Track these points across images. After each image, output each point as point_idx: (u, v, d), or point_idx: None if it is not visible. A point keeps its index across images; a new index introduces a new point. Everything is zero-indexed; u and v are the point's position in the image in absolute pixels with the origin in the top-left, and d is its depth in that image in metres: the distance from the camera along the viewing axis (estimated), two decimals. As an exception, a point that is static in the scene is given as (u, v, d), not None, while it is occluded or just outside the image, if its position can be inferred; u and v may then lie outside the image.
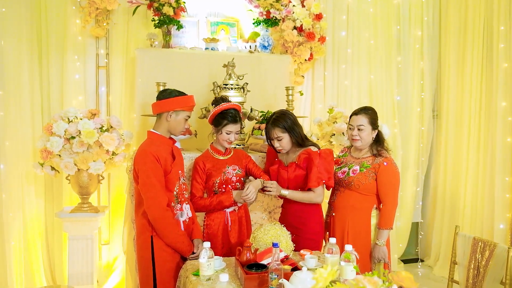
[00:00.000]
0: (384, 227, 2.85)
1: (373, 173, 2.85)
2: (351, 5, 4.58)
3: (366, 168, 2.87)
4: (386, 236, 2.87)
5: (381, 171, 2.84)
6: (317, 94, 4.50)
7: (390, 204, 2.87)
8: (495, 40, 4.21)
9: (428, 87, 4.90)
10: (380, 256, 2.86)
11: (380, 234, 2.86)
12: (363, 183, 2.86)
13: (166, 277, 2.62)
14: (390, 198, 2.86)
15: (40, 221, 3.78)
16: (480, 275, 2.71)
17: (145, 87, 3.68)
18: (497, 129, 4.17)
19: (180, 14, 3.83)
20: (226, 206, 2.88)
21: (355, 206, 2.90)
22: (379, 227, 2.87)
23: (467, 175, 4.56)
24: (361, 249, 2.83)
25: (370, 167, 2.87)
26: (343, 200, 2.96)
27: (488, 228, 4.26)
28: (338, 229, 2.96)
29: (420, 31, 4.84)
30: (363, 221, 2.90)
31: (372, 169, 2.86)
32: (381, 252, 2.86)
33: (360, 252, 2.79)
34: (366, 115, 2.91)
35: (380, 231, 2.86)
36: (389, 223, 2.86)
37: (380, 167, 2.84)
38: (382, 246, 2.85)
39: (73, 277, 3.35)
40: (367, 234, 2.90)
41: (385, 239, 2.86)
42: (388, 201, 2.86)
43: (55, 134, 3.18)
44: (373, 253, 2.88)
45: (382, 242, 2.85)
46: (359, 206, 2.90)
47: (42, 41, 3.79)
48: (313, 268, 2.38)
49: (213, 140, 3.01)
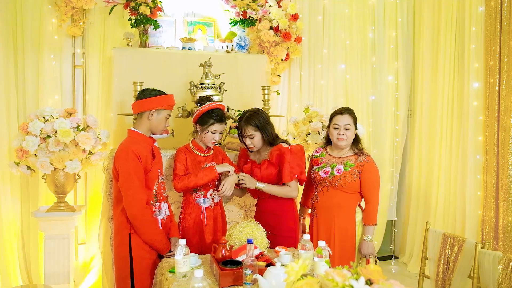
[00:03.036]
0: (371, 223, 2.95)
1: (357, 171, 2.93)
2: (327, 6, 4.65)
3: (350, 167, 2.93)
4: (373, 231, 2.96)
5: (365, 170, 2.92)
6: (294, 93, 4.55)
7: (375, 201, 2.97)
8: (467, 40, 4.30)
9: (403, 87, 4.99)
10: (369, 251, 2.95)
11: (366, 230, 2.96)
12: (348, 182, 2.92)
13: (143, 274, 2.65)
14: (374, 196, 2.97)
15: (16, 220, 3.74)
16: (450, 269, 2.79)
17: (122, 87, 3.69)
18: (468, 128, 4.25)
19: (156, 14, 3.84)
20: (210, 179, 2.88)
21: (340, 204, 2.96)
22: (365, 224, 2.96)
23: (439, 173, 4.65)
24: (348, 247, 2.97)
25: (354, 166, 2.93)
26: (327, 199, 3.01)
27: (460, 225, 4.35)
28: (323, 228, 3.02)
29: (395, 31, 4.93)
30: (349, 218, 2.98)
31: (356, 168, 2.93)
32: (370, 248, 2.95)
33: (347, 250, 2.97)
34: (350, 114, 2.98)
35: (367, 228, 2.96)
36: (374, 219, 2.97)
37: (364, 165, 2.92)
38: (370, 242, 2.95)
39: (50, 276, 3.33)
40: (352, 231, 2.97)
41: (372, 235, 2.95)
42: (373, 199, 2.96)
43: (31, 133, 3.16)
44: (362, 249, 2.97)
45: (370, 237, 2.95)
46: (344, 204, 2.97)
47: (18, 40, 3.76)
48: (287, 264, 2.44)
49: (195, 137, 3.03)
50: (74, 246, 3.89)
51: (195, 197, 2.98)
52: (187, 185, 2.88)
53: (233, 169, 2.96)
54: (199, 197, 2.98)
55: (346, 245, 2.97)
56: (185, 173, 2.94)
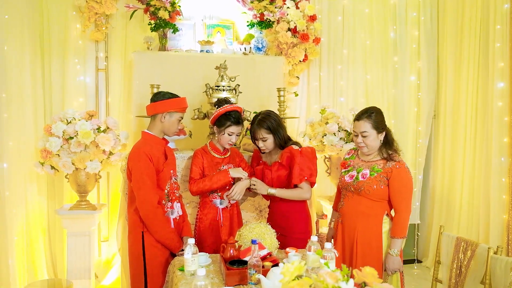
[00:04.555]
0: (399, 236, 2.66)
1: (384, 178, 2.66)
2: (346, 6, 4.62)
3: (377, 173, 2.68)
4: (400, 245, 2.68)
5: (394, 176, 2.64)
6: (313, 94, 4.56)
7: (404, 211, 2.68)
8: (491, 39, 4.19)
9: (425, 87, 4.89)
10: (394, 267, 2.69)
11: (393, 243, 2.67)
12: (374, 188, 2.67)
13: (156, 272, 2.73)
14: (404, 205, 2.68)
15: (43, 217, 3.91)
16: (462, 274, 2.73)
17: (142, 89, 3.78)
18: (493, 129, 4.13)
19: (175, 18, 3.93)
20: (224, 183, 2.94)
21: (365, 212, 2.72)
22: (392, 236, 2.68)
23: (463, 175, 4.54)
24: (372, 259, 2.70)
25: (382, 171, 2.67)
26: (351, 206, 2.79)
27: (484, 229, 4.22)
28: (347, 236, 2.81)
29: (417, 30, 4.84)
30: (373, 228, 2.72)
31: (383, 174, 2.66)
32: (396, 263, 2.68)
33: (370, 262, 2.58)
34: (369, 119, 2.71)
35: (394, 240, 2.67)
36: (404, 232, 2.68)
37: (393, 171, 2.64)
38: (396, 256, 2.67)
39: (71, 271, 3.47)
40: (378, 242, 2.72)
41: (399, 249, 2.68)
42: (402, 208, 2.68)
43: (53, 134, 3.31)
44: (387, 263, 2.70)
45: (396, 251, 2.67)
46: (369, 212, 2.72)
47: (45, 45, 3.94)
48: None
49: (213, 138, 3.10)
50: (98, 243, 4.04)
51: (212, 198, 3.05)
52: (202, 189, 2.95)
53: (246, 175, 2.99)
54: (215, 198, 3.04)
55: (369, 258, 2.70)
56: (200, 176, 3.01)
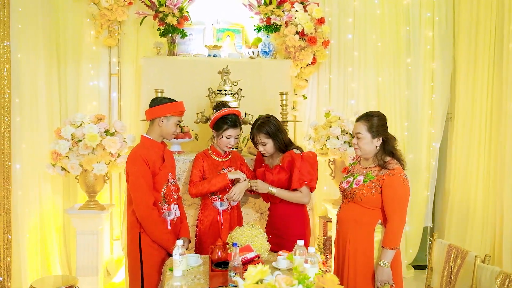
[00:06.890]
0: (389, 247, 2.54)
1: (377, 185, 2.58)
2: (357, 8, 4.58)
3: (370, 179, 2.62)
4: (391, 256, 2.55)
5: (386, 184, 2.55)
6: (322, 97, 4.55)
7: (396, 221, 2.56)
8: (506, 39, 4.07)
9: (439, 89, 4.78)
10: (383, 278, 2.56)
11: (384, 254, 2.55)
12: (365, 196, 2.61)
13: (152, 271, 2.83)
14: (396, 214, 2.56)
15: (57, 216, 4.09)
16: (452, 282, 2.70)
17: (150, 94, 3.87)
18: (507, 132, 4.02)
19: (183, 23, 4.02)
20: (223, 185, 3.02)
21: (356, 220, 2.66)
22: (383, 246, 2.56)
23: (477, 179, 4.43)
24: (362, 268, 2.63)
25: (374, 179, 2.60)
26: (346, 212, 2.76)
27: (499, 233, 4.12)
28: (341, 243, 2.77)
29: (431, 31, 4.74)
30: (364, 237, 2.64)
31: (376, 181, 2.59)
32: (384, 274, 2.56)
33: (361, 270, 2.63)
34: (366, 121, 2.66)
35: (384, 251, 2.55)
36: (395, 242, 2.54)
37: (385, 179, 2.56)
38: (386, 268, 2.55)
39: (80, 268, 3.63)
40: (369, 251, 2.63)
41: (389, 260, 2.55)
42: (394, 218, 2.55)
43: (63, 137, 3.47)
44: (376, 274, 2.59)
45: (385, 263, 2.55)
46: (360, 220, 2.65)
47: (60, 51, 4.13)
48: (284, 269, 2.50)
49: (214, 142, 3.18)
50: (110, 242, 4.20)
51: (212, 200, 3.12)
52: (201, 191, 3.04)
53: (244, 176, 3.07)
54: (216, 200, 3.12)
55: (360, 266, 2.64)
56: (200, 179, 3.09)
